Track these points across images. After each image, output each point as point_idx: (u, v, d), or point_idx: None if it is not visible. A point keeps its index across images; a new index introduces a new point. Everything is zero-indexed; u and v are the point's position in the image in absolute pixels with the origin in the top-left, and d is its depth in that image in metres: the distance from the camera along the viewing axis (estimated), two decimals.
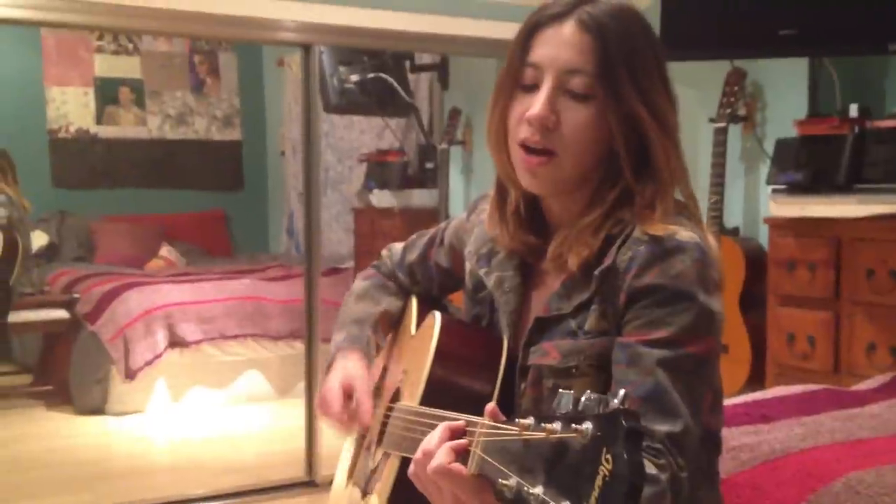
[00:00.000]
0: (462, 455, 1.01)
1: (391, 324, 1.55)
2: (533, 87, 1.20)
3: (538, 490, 0.81)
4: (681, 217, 1.22)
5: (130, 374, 4.77)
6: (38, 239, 5.99)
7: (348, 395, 1.41)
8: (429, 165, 5.17)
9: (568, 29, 1.19)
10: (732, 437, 1.82)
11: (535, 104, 1.18)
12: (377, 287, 1.56)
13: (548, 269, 1.27)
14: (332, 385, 1.43)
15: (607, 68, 1.17)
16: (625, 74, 1.17)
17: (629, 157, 1.19)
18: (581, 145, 1.19)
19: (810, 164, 3.05)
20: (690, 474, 1.11)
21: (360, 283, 1.58)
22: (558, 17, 1.20)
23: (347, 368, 1.44)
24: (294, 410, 4.22)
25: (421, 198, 5.13)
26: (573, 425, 0.79)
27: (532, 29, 1.22)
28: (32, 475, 3.95)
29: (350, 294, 1.57)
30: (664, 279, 1.14)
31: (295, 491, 3.72)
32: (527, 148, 1.20)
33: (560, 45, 1.19)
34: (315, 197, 3.85)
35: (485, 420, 0.99)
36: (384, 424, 1.41)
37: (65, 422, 4.75)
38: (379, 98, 4.94)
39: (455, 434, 1.04)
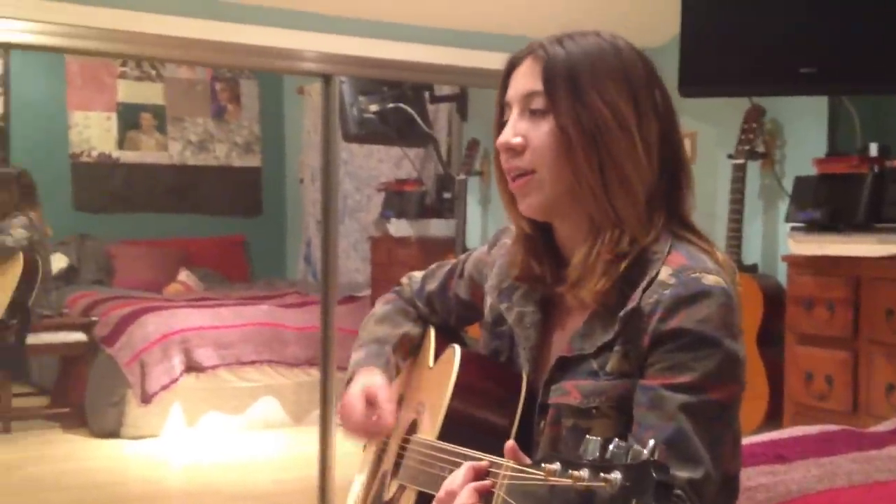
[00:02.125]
0: (485, 496, 1.01)
1: (410, 348, 1.56)
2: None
3: None
4: (702, 255, 1.22)
5: (146, 398, 4.79)
6: (58, 261, 6.03)
7: (370, 402, 1.42)
8: (446, 195, 5.19)
9: (525, 64, 1.26)
10: (749, 477, 1.81)
11: (503, 133, 1.26)
12: (398, 311, 1.56)
13: (570, 305, 1.28)
14: (353, 393, 1.43)
15: (550, 82, 1.22)
16: (567, 86, 1.21)
17: (591, 171, 1.20)
18: (550, 159, 1.22)
19: (829, 202, 3.04)
20: None
21: (380, 307, 1.58)
22: (520, 59, 1.28)
23: (368, 379, 1.44)
24: (308, 438, 4.22)
25: (438, 228, 5.14)
26: (601, 474, 0.79)
27: (506, 75, 1.30)
28: (47, 497, 3.96)
29: (370, 316, 1.58)
30: (689, 324, 1.15)
31: None
32: (512, 177, 1.26)
33: (520, 77, 1.27)
34: (333, 224, 3.87)
35: (509, 462, 0.99)
36: (400, 456, 1.41)
37: (80, 444, 4.76)
38: (398, 128, 4.97)
39: (479, 475, 1.05)
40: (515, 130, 1.24)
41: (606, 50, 1.24)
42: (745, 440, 2.02)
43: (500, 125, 1.29)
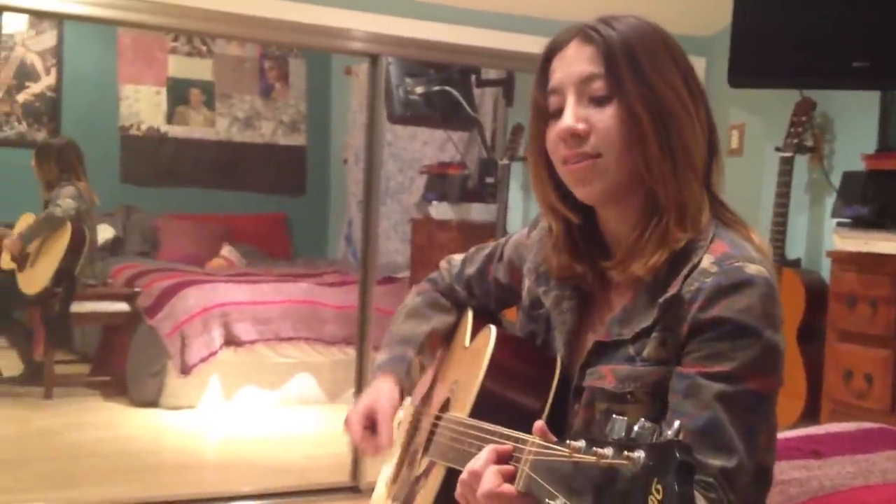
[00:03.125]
0: (509, 478, 1.02)
1: (441, 340, 1.56)
2: (560, 112, 1.23)
3: None
4: (745, 243, 1.21)
5: (186, 370, 4.86)
6: (104, 232, 6.12)
7: (371, 420, 1.43)
8: (489, 180, 5.19)
9: (572, 47, 1.24)
10: (782, 471, 1.79)
11: (563, 119, 1.22)
12: (429, 304, 1.56)
13: (609, 291, 1.28)
14: (356, 409, 1.45)
15: (613, 66, 1.20)
16: (629, 69, 1.19)
17: (661, 154, 1.19)
18: (617, 145, 1.19)
19: (877, 198, 3.00)
20: None
21: (412, 299, 1.58)
22: (564, 42, 1.25)
23: (377, 393, 1.45)
24: (343, 416, 4.25)
25: (479, 212, 5.14)
26: (625, 452, 0.79)
27: (545, 62, 1.27)
28: (85, 463, 4.03)
29: (402, 309, 1.58)
30: (730, 313, 1.14)
31: (339, 495, 3.75)
32: (572, 162, 1.23)
33: (570, 62, 1.23)
34: (374, 205, 3.89)
35: (535, 438, 1.00)
36: (432, 433, 1.42)
37: (119, 412, 4.84)
38: (443, 111, 4.97)
39: (502, 458, 1.05)
40: (577, 116, 1.21)
41: (651, 32, 1.23)
42: (781, 434, 1.99)
43: (541, 113, 1.26)
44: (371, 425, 1.43)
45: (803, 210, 3.59)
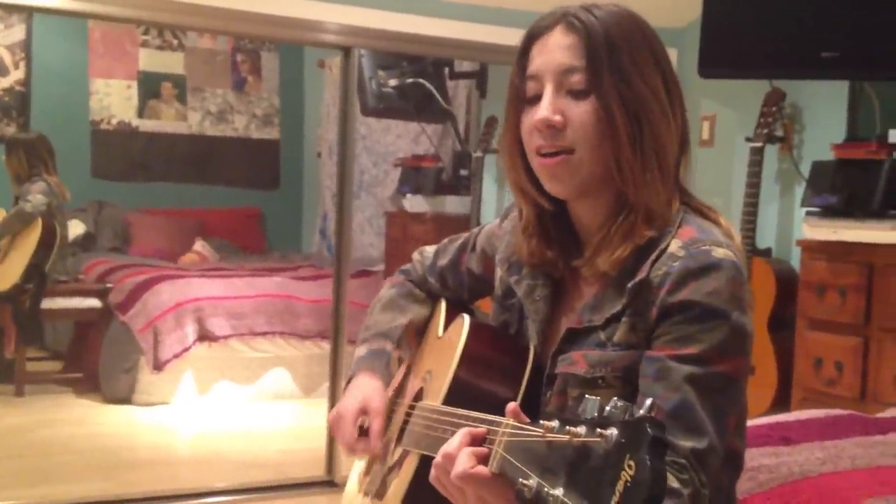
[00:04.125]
0: (483, 459, 1.02)
1: (417, 332, 1.56)
2: (537, 99, 1.23)
3: (558, 492, 0.82)
4: (713, 227, 1.22)
5: (159, 366, 4.82)
6: (75, 228, 6.06)
7: (361, 420, 1.42)
8: (463, 172, 5.19)
9: (556, 34, 1.22)
10: (752, 457, 1.81)
11: (540, 109, 1.21)
12: (404, 295, 1.56)
13: (581, 280, 1.28)
14: (346, 408, 1.42)
15: (594, 61, 1.19)
16: (609, 66, 1.18)
17: (633, 152, 1.19)
18: (592, 140, 1.19)
19: (846, 187, 3.03)
20: (710, 492, 1.12)
21: (387, 291, 1.58)
22: (547, 28, 1.24)
23: (364, 392, 1.44)
24: (318, 410, 4.25)
25: (453, 204, 5.14)
26: (598, 430, 0.80)
27: (526, 45, 1.26)
28: (58, 460, 4.00)
29: (377, 301, 1.57)
30: (698, 296, 1.14)
31: (314, 489, 3.75)
32: (543, 155, 1.22)
33: (552, 50, 1.22)
34: (348, 199, 3.88)
35: (509, 420, 1.00)
36: (405, 423, 1.42)
37: (92, 409, 4.80)
38: (416, 103, 4.97)
39: (476, 440, 1.05)
40: (554, 107, 1.20)
41: (633, 24, 1.23)
42: (751, 422, 2.02)
43: (518, 97, 1.26)
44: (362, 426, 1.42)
45: (773, 199, 3.62)
